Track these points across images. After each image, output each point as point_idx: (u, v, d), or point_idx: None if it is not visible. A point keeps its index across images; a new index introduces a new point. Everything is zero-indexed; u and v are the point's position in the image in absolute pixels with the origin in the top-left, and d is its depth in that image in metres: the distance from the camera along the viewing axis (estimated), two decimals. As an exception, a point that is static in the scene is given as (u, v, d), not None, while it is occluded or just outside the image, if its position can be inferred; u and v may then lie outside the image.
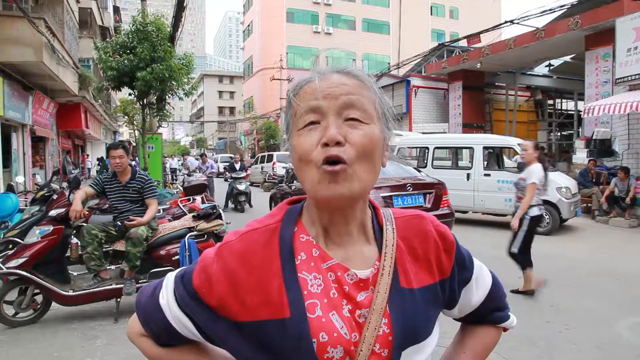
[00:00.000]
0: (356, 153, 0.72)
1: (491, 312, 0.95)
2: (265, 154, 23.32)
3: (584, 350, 3.68)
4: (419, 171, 7.45)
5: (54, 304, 4.31)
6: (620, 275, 5.91)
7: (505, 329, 0.98)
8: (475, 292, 0.91)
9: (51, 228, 4.22)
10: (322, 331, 0.71)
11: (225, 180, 13.60)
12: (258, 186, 20.33)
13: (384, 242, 0.80)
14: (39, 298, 4.28)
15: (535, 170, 5.02)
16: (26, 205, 5.59)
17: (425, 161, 10.61)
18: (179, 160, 23.15)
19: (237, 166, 12.98)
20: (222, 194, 13.29)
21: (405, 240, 0.82)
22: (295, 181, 9.75)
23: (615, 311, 4.56)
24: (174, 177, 19.06)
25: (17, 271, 4.04)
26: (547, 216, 8.69)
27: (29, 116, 12.10)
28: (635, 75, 10.69)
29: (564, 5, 13.80)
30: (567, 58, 18.95)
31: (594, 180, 11.06)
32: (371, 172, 0.74)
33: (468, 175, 9.77)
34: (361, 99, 0.75)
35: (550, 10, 13.15)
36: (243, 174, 12.82)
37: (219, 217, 4.79)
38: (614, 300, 4.92)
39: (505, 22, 14.36)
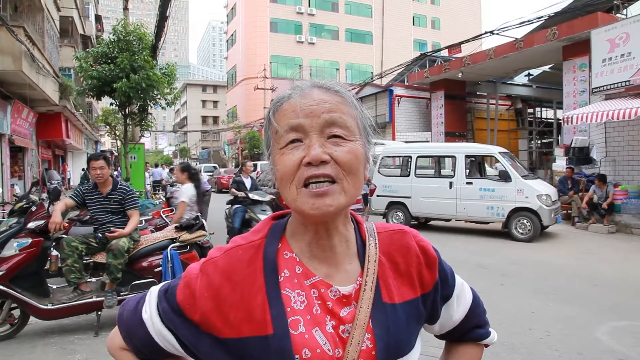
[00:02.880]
0: (342, 170, 0.72)
1: (472, 329, 0.95)
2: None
3: (565, 356, 3.73)
4: None
5: (32, 318, 4.19)
6: (600, 280, 6.02)
7: (486, 345, 0.99)
8: (456, 309, 0.91)
9: (30, 240, 4.13)
10: (305, 347, 0.71)
11: (232, 201, 7.81)
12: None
13: (366, 257, 0.80)
14: (17, 312, 4.18)
15: (185, 190, 5.78)
16: (4, 217, 5.47)
17: (409, 170, 10.69)
18: (169, 172, 21.45)
19: (248, 182, 7.91)
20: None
21: (387, 255, 0.82)
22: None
23: (595, 316, 4.64)
24: (157, 189, 18.24)
25: (-6, 285, 3.93)
26: (529, 223, 8.85)
27: (7, 126, 11.86)
28: (610, 85, 10.99)
29: (541, 17, 14.17)
30: (546, 68, 19.40)
31: (571, 187, 11.29)
32: (356, 186, 0.75)
33: (451, 183, 9.87)
34: (343, 117, 0.75)
35: (528, 21, 13.49)
36: (267, 197, 7.62)
37: (202, 227, 4.74)
38: (594, 305, 5.00)
39: (486, 32, 14.67)
